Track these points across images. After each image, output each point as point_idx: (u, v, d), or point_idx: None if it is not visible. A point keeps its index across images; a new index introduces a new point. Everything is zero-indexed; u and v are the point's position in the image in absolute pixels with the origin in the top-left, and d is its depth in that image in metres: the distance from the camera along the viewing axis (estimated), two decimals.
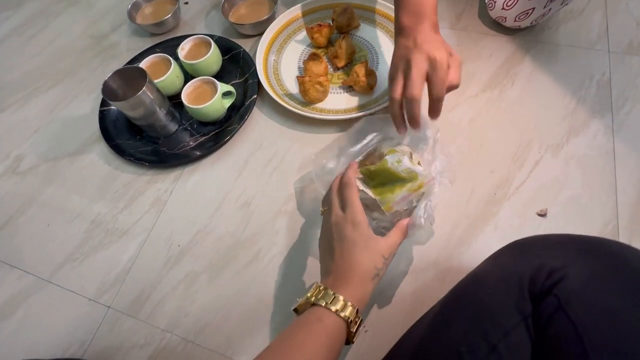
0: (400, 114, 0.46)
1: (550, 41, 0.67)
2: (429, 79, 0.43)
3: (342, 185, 0.42)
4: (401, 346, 0.37)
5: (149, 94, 0.56)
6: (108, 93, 0.56)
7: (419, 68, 0.42)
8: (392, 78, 0.46)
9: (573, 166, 0.55)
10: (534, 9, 0.60)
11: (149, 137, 0.64)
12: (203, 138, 0.64)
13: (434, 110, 0.46)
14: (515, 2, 0.60)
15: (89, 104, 0.71)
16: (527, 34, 0.68)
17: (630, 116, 0.58)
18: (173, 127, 0.65)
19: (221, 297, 0.51)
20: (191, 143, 0.63)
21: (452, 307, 0.34)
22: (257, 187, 0.59)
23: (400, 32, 0.47)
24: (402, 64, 0.44)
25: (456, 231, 0.52)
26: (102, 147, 0.66)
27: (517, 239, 0.37)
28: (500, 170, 0.56)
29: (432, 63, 0.42)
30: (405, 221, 0.41)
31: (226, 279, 0.52)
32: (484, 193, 0.54)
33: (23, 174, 0.65)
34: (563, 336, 0.25)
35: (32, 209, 0.62)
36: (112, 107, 0.67)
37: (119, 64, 0.75)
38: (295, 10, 0.72)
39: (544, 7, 0.60)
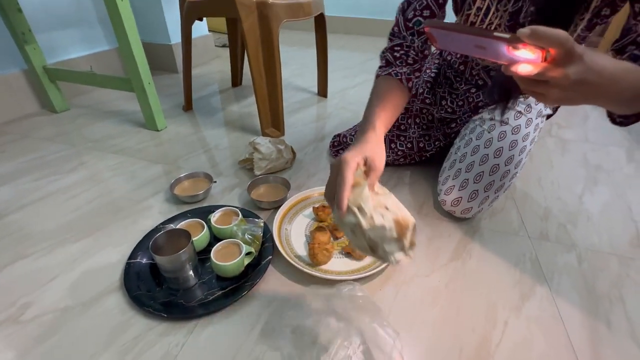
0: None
1: (487, 227, 0.93)
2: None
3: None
4: None
5: (188, 252, 0.67)
6: (154, 248, 0.67)
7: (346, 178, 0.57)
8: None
9: (534, 326, 0.67)
10: (472, 207, 0.88)
11: (169, 288, 0.70)
12: (220, 292, 0.71)
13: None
14: (458, 203, 0.88)
15: (114, 256, 0.79)
16: (472, 221, 0.94)
17: (561, 286, 0.76)
18: (193, 281, 0.72)
19: None
20: (209, 297, 0.69)
21: None
22: (270, 339, 0.62)
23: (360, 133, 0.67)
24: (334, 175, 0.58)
25: None
26: (119, 297, 0.69)
27: None
28: (479, 329, 0.66)
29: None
30: None
31: None
32: (471, 351, 0.62)
33: (24, 323, 0.64)
34: None
35: None
36: (139, 260, 0.76)
37: (151, 224, 0.88)
38: (304, 194, 0.97)
39: (479, 207, 0.88)
